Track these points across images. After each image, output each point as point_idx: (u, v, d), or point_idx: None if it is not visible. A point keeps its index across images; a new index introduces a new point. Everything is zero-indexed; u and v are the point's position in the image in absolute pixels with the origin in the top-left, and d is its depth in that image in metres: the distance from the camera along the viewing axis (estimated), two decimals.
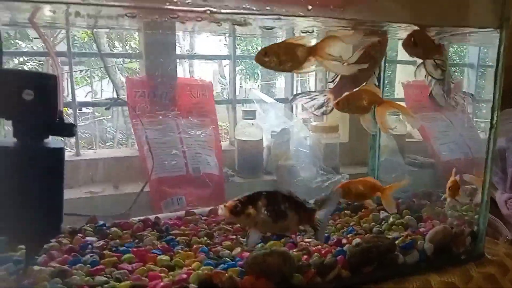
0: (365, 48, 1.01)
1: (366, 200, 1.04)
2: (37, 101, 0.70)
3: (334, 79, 1.05)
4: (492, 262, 0.99)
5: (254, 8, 0.71)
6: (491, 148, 0.98)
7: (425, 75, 1.10)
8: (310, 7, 0.75)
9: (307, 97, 1.07)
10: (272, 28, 0.88)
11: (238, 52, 1.98)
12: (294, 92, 1.60)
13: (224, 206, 0.74)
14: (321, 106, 1.05)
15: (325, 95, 1.05)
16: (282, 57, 0.83)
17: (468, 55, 1.87)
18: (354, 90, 0.98)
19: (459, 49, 1.91)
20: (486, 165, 0.98)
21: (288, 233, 0.83)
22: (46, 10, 0.77)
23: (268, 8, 0.72)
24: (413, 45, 0.93)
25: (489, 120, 0.98)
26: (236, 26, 0.93)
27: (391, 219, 1.06)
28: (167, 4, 0.65)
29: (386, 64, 1.27)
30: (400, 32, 1.04)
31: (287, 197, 0.78)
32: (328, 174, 1.36)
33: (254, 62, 0.85)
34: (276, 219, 0.76)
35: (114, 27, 1.05)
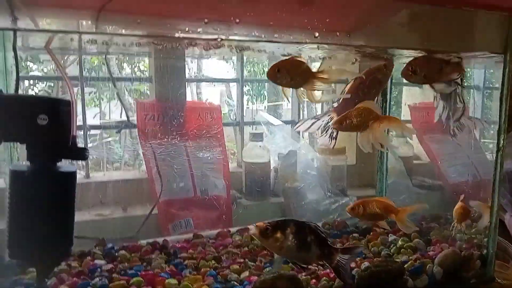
0: (371, 70, 1.03)
1: (380, 222, 1.03)
2: (51, 126, 0.72)
3: (338, 99, 1.06)
4: (503, 286, 0.98)
5: (263, 36, 0.73)
6: (498, 170, 0.98)
7: (434, 97, 1.12)
8: (317, 34, 0.77)
9: (312, 119, 1.08)
10: (289, 54, 0.90)
11: (245, 73, 2.00)
12: (301, 114, 1.61)
13: (256, 226, 0.78)
14: (325, 127, 1.06)
15: (329, 115, 1.06)
16: (291, 74, 0.85)
17: (474, 77, 1.88)
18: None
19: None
20: (493, 188, 0.98)
21: (307, 265, 0.84)
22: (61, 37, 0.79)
23: (276, 35, 0.74)
24: (412, 73, 0.94)
25: (496, 143, 0.98)
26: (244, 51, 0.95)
27: (399, 242, 1.06)
28: (180, 32, 0.67)
29: (392, 86, 1.29)
30: (406, 57, 1.06)
31: (313, 231, 0.80)
32: (335, 196, 1.36)
33: (260, 84, 0.87)
34: (300, 249, 0.78)
35: (125, 53, 1.07)
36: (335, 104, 1.06)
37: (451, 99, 1.10)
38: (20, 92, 0.91)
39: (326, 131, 1.03)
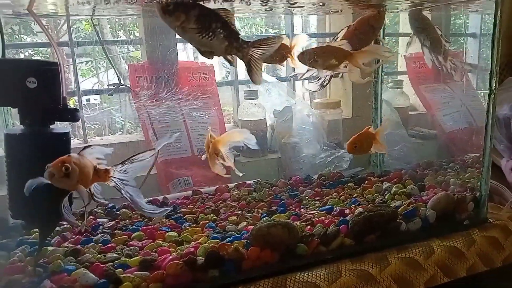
0: (364, 18, 1.03)
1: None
2: (40, 88, 0.73)
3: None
4: (495, 226, 1.00)
5: None
6: (490, 114, 0.98)
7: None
8: None
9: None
10: None
11: (242, 33, 1.97)
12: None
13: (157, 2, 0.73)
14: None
15: None
16: None
17: (469, 24, 1.84)
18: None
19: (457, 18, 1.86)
20: (486, 131, 0.98)
21: (212, 55, 0.78)
22: None
23: None
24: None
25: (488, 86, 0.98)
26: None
27: (393, 189, 1.08)
28: None
29: (386, 38, 1.28)
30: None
31: (221, 19, 0.75)
32: (331, 149, 1.37)
33: None
34: (203, 35, 0.74)
35: (114, 14, 1.06)
36: None
37: (432, 42, 1.10)
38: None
39: (318, 78, 1.04)
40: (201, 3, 0.77)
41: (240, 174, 1.02)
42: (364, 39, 1.04)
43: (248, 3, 0.89)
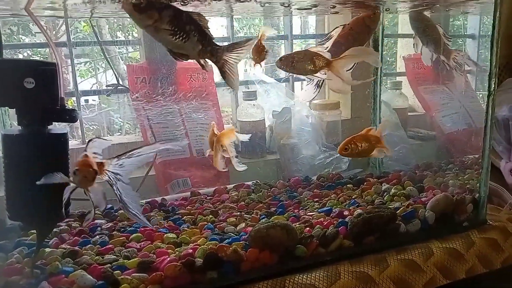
0: (360, 17, 1.03)
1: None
2: (38, 89, 0.72)
3: (323, 40, 1.06)
4: (495, 227, 1.00)
5: None
6: (489, 115, 0.98)
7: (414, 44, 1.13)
8: None
9: None
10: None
11: (241, 35, 1.97)
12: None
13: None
14: None
15: None
16: None
17: (468, 26, 1.84)
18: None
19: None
20: (485, 132, 0.98)
21: (186, 57, 0.76)
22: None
23: None
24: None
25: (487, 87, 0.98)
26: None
27: (392, 191, 1.08)
28: None
29: (385, 38, 1.28)
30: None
31: (194, 21, 0.73)
32: (330, 150, 1.37)
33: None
34: (176, 37, 0.72)
35: (113, 14, 1.06)
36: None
37: (432, 42, 1.10)
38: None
39: (313, 79, 1.04)
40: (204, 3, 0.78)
41: (243, 168, 1.02)
42: (359, 39, 1.04)
43: (263, 4, 0.89)
